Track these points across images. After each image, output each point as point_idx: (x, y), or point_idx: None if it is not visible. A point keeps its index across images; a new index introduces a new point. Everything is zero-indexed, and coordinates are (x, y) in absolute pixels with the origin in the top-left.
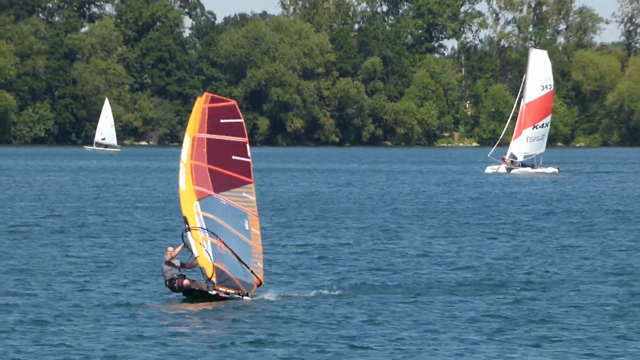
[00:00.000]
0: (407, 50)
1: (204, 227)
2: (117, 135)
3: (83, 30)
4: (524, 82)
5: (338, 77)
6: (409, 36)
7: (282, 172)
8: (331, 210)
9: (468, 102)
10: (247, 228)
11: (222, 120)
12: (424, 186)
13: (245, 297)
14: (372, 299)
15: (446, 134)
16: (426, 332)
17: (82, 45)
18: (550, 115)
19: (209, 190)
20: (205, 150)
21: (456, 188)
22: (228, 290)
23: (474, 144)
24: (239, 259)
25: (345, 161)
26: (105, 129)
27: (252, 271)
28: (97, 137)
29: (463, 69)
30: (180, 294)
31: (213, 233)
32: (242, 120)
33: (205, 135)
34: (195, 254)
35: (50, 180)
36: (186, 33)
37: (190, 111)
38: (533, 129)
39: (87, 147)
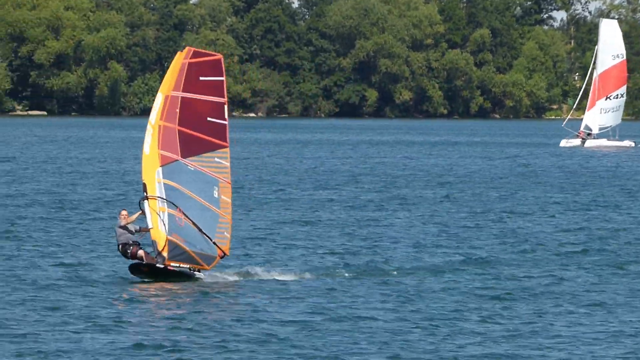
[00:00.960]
0: (515, 22)
1: (163, 197)
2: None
3: (193, 1)
4: (596, 52)
5: (447, 48)
6: (518, 8)
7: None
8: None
9: (577, 74)
10: (216, 196)
11: (201, 78)
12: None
13: (197, 274)
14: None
15: (555, 107)
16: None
17: (192, 16)
18: (625, 86)
19: (175, 155)
20: (177, 110)
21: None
22: (182, 265)
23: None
24: (201, 230)
25: (454, 134)
26: None
27: (214, 243)
28: None
29: (572, 41)
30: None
31: (172, 203)
32: (223, 78)
33: (180, 94)
34: (150, 225)
35: None
36: (295, 4)
37: (299, 82)
38: (606, 100)
39: None
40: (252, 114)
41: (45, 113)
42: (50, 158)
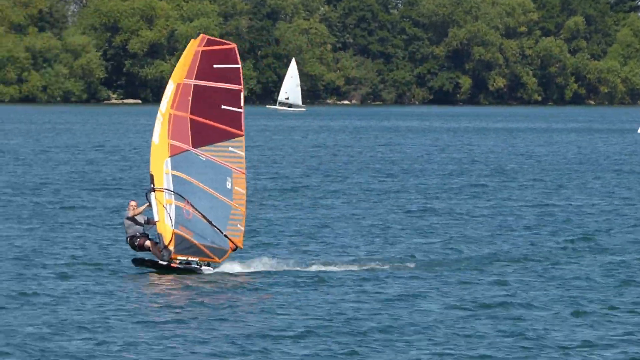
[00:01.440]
0: (610, 9)
1: (171, 189)
2: (320, 95)
3: None
4: None
5: (540, 36)
6: None
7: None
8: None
9: None
10: (228, 187)
11: (215, 66)
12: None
13: (205, 268)
14: None
15: None
16: None
17: (285, 5)
18: None
19: (186, 145)
20: (190, 98)
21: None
22: (190, 259)
23: None
24: (211, 223)
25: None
26: (291, 89)
27: (226, 235)
28: (281, 97)
29: None
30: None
31: (180, 195)
32: (239, 65)
33: (193, 82)
34: (156, 218)
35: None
36: None
37: (392, 70)
38: None
39: (270, 107)
40: (346, 102)
41: (139, 101)
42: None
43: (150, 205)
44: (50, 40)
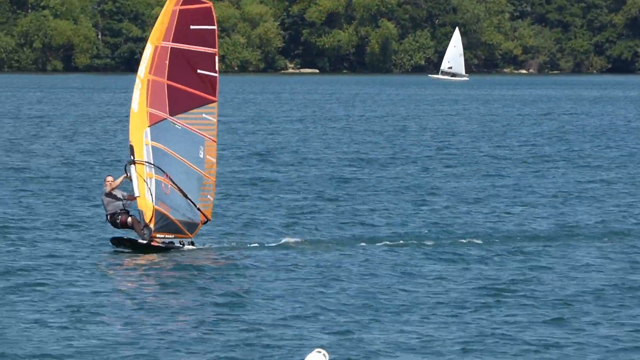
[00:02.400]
0: None
1: (151, 162)
2: (497, 64)
3: None
4: None
5: None
6: None
7: None
8: None
9: None
10: (201, 156)
11: (192, 27)
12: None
13: (187, 247)
14: None
15: None
16: None
17: None
18: None
19: (164, 113)
20: (167, 62)
21: None
22: (167, 236)
23: None
24: (186, 196)
25: None
26: (454, 58)
27: (198, 208)
28: (444, 66)
29: None
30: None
31: (159, 169)
32: (215, 27)
33: (170, 44)
34: (137, 193)
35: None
36: None
37: (570, 39)
38: None
39: (432, 76)
40: (523, 71)
41: (317, 71)
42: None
43: (128, 177)
44: (229, 9)
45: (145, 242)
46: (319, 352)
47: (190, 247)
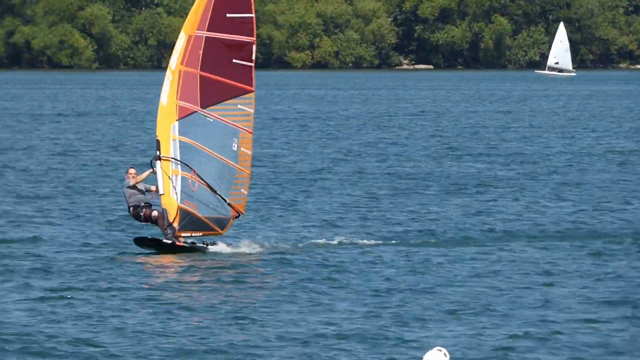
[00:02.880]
0: None
1: (178, 159)
2: (612, 59)
3: None
4: None
5: None
6: None
7: None
8: None
9: None
10: (234, 148)
11: (228, 15)
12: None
13: (211, 247)
14: None
15: None
16: None
17: None
18: None
19: (194, 105)
20: (201, 52)
21: None
22: (193, 234)
23: None
24: (215, 192)
25: None
26: (559, 53)
27: (229, 204)
28: (550, 62)
29: None
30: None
31: (187, 165)
32: (253, 15)
33: (204, 34)
34: (161, 190)
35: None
36: None
37: None
38: None
39: (538, 72)
40: (638, 66)
41: (431, 67)
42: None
43: (154, 171)
44: (341, 5)
45: (169, 242)
46: (440, 350)
47: (214, 247)
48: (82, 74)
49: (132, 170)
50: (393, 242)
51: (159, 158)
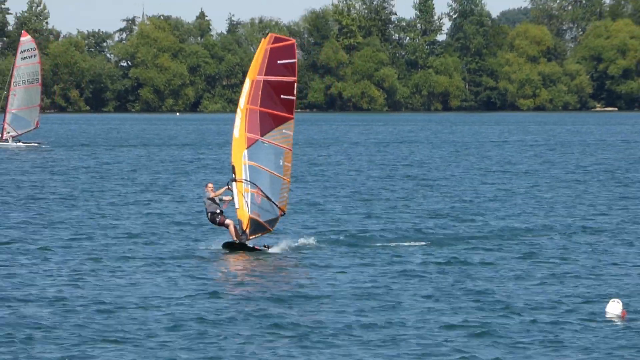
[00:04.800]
0: None
1: (248, 179)
2: None
3: None
4: None
5: None
6: None
7: None
8: None
9: None
10: (281, 164)
11: (279, 62)
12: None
13: (268, 249)
14: None
15: None
16: None
17: None
18: None
19: (256, 135)
20: (260, 93)
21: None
22: (256, 236)
23: None
24: (270, 200)
25: None
26: None
27: (277, 206)
28: None
29: None
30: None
31: (254, 183)
32: (295, 60)
33: (263, 78)
34: (237, 205)
35: None
36: None
37: None
38: None
39: None
40: None
41: (616, 109)
42: None
43: (229, 189)
44: (555, 67)
45: (251, 245)
46: (614, 301)
47: (268, 248)
48: (376, 115)
49: (210, 185)
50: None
51: (235, 180)
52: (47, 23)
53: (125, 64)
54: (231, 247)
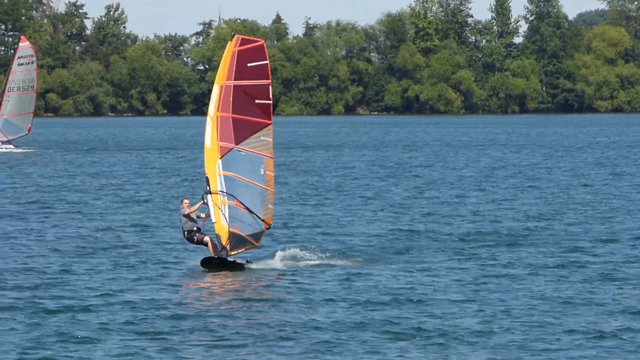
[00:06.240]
0: None
1: (224, 190)
2: None
3: None
4: None
5: None
6: None
7: None
8: None
9: None
10: (262, 173)
11: (248, 65)
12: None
13: (251, 264)
14: None
15: None
16: None
17: None
18: None
19: (231, 143)
20: (231, 99)
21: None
22: (239, 251)
23: None
24: (251, 212)
25: None
26: None
27: (262, 219)
28: None
29: None
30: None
31: (231, 195)
32: (267, 61)
33: (232, 83)
34: (213, 219)
35: None
36: None
37: None
38: None
39: None
40: None
41: None
42: None
43: (205, 203)
44: (632, 68)
45: (232, 260)
46: None
47: (253, 265)
48: (453, 118)
49: (186, 201)
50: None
51: (210, 192)
52: (124, 27)
53: (201, 67)
54: (209, 263)
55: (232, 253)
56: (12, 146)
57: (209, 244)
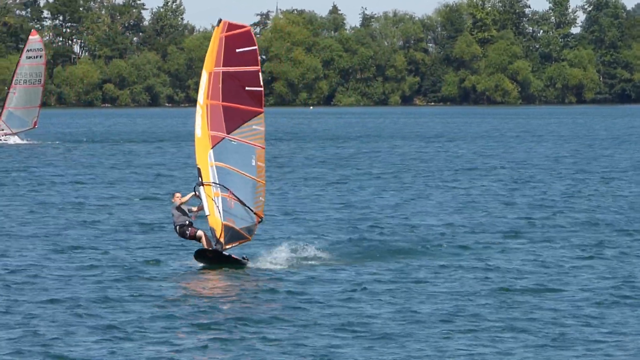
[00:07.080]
0: None
1: (216, 182)
2: None
3: None
4: None
5: None
6: None
7: None
8: None
9: None
10: (253, 164)
11: (237, 50)
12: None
13: (247, 262)
14: None
15: None
16: None
17: None
18: None
19: (222, 132)
20: (220, 86)
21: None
22: (232, 245)
23: None
24: (244, 205)
25: None
26: None
27: (254, 212)
28: None
29: None
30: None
31: (224, 187)
32: (256, 47)
33: (221, 69)
34: (207, 212)
35: None
36: None
37: None
38: None
39: None
40: None
41: None
42: None
43: (197, 195)
44: None
45: (227, 254)
46: None
47: (248, 262)
48: (510, 109)
49: (177, 194)
50: None
51: (202, 184)
52: (182, 19)
53: (259, 58)
54: (203, 256)
55: (227, 247)
56: (17, 138)
57: (203, 238)
